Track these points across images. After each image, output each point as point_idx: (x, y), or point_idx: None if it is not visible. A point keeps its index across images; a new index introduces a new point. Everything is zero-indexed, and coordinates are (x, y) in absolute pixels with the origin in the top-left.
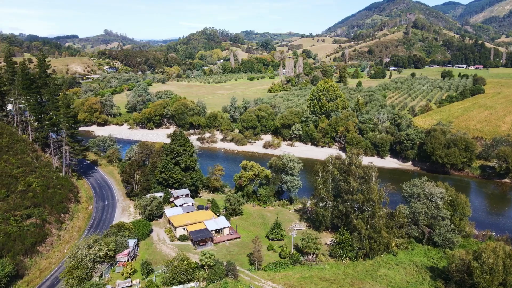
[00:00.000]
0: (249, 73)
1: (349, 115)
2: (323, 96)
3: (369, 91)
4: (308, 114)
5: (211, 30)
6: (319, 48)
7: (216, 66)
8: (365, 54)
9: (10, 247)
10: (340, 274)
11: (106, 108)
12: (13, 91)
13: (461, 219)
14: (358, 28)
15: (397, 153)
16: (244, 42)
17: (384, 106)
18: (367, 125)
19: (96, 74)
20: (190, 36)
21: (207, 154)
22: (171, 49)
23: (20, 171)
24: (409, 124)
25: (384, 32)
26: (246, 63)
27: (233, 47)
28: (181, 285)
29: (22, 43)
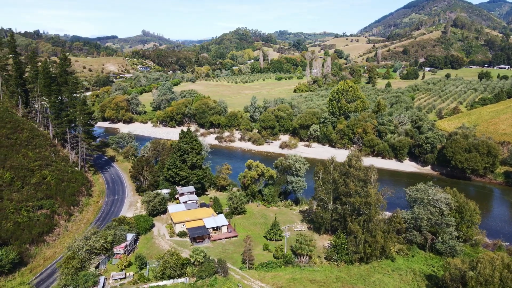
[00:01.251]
0: (278, 73)
1: (368, 116)
2: (342, 97)
3: (397, 92)
4: (326, 115)
5: (244, 30)
6: (352, 48)
7: (244, 66)
8: (399, 54)
9: (18, 236)
10: (332, 278)
11: (132, 106)
12: (36, 89)
13: (469, 226)
14: (395, 28)
15: (416, 157)
16: (276, 42)
17: (410, 108)
18: (386, 127)
19: (129, 73)
20: (222, 36)
21: (223, 153)
22: (204, 49)
23: (36, 165)
24: (431, 127)
25: (421, 31)
26: (275, 63)
27: (265, 47)
28: (171, 280)
29: (65, 43)
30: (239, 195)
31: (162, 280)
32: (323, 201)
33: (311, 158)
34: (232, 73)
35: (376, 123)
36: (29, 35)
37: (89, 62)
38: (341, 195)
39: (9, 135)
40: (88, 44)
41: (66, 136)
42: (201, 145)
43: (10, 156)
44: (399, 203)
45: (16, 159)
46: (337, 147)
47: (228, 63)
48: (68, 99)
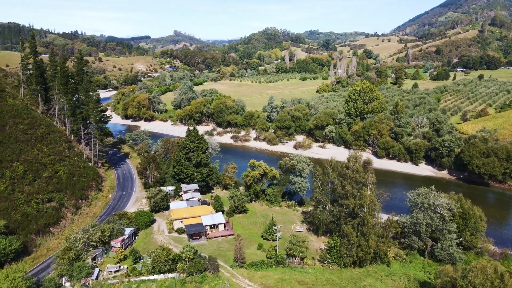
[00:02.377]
0: (303, 73)
1: (385, 118)
2: (359, 98)
3: (422, 93)
4: (342, 116)
5: (272, 30)
6: (382, 48)
7: (270, 66)
8: (431, 54)
9: (25, 226)
10: (322, 280)
11: (153, 105)
12: (54, 87)
13: (474, 234)
14: (429, 27)
15: (432, 160)
16: (305, 42)
17: (434, 110)
18: (403, 129)
19: (157, 72)
20: (251, 36)
21: (237, 152)
22: (232, 48)
23: (49, 159)
24: (450, 130)
25: (456, 30)
26: (301, 63)
27: (293, 47)
28: (162, 274)
29: (99, 43)
30: (240, 194)
31: (153, 274)
32: (321, 203)
33: (323, 159)
34: (257, 73)
35: (392, 124)
36: (67, 35)
37: (119, 62)
38: (338, 197)
39: (26, 131)
40: (120, 44)
41: (81, 133)
42: (207, 144)
43: (25, 150)
44: (405, 207)
45: (31, 154)
46: (352, 148)
47: (255, 62)
48: (83, 97)
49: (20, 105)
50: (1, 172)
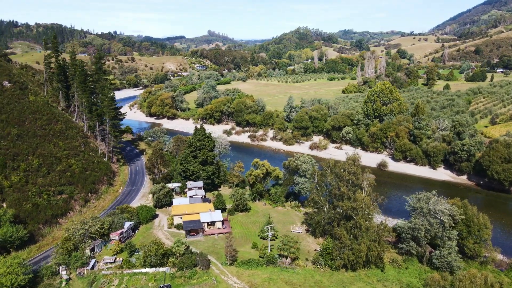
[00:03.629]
0: (332, 73)
1: (403, 119)
2: (377, 99)
3: (452, 95)
4: (361, 117)
5: (304, 29)
6: (417, 47)
7: (298, 66)
8: (470, 54)
9: (34, 216)
10: (310, 282)
11: (176, 103)
12: (74, 85)
13: (477, 242)
14: (471, 25)
15: (451, 165)
16: (338, 42)
17: (461, 112)
18: (422, 131)
19: (187, 72)
20: (282, 36)
21: (253, 151)
22: (263, 48)
23: (64, 154)
24: (473, 133)
25: (498, 29)
26: (330, 63)
27: (325, 47)
28: (154, 268)
29: (134, 43)
30: (241, 192)
31: (145, 268)
32: (318, 204)
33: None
34: (285, 72)
35: (411, 127)
36: (105, 36)
37: (151, 61)
38: (334, 199)
39: (44, 126)
40: (155, 44)
41: (96, 129)
42: (214, 142)
43: (42, 144)
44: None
45: (47, 148)
46: (369, 150)
47: (284, 62)
48: (100, 95)
49: (41, 101)
50: (17, 165)
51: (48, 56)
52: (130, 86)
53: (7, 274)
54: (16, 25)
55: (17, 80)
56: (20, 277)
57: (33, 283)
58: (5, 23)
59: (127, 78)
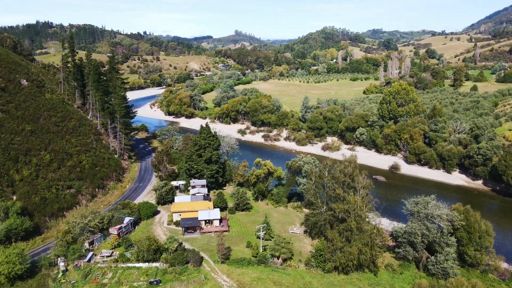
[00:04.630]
0: (356, 73)
1: (418, 121)
2: (393, 100)
3: (478, 97)
4: (375, 118)
5: (331, 29)
6: (448, 47)
7: (321, 66)
8: (504, 54)
9: (41, 209)
10: (300, 283)
11: (194, 102)
12: (89, 83)
13: (478, 249)
14: (507, 24)
15: (467, 169)
16: (365, 42)
17: (485, 115)
18: (438, 134)
19: (210, 71)
20: (308, 35)
21: (265, 151)
22: (288, 48)
23: (76, 150)
24: (492, 137)
25: None
26: (354, 63)
27: (352, 47)
28: (147, 263)
29: (162, 43)
30: (242, 191)
31: (138, 262)
32: (314, 205)
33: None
34: (308, 72)
35: (427, 129)
36: (134, 36)
37: (175, 60)
38: (329, 200)
39: (57, 123)
40: (181, 44)
41: (108, 126)
42: (219, 141)
43: (54, 141)
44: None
45: (59, 144)
46: (382, 152)
47: (307, 62)
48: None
49: (57, 99)
50: (29, 159)
51: (65, 56)
52: (154, 85)
53: (5, 264)
54: (51, 26)
55: (35, 78)
56: (17, 267)
57: (32, 272)
58: (41, 24)
59: (151, 77)
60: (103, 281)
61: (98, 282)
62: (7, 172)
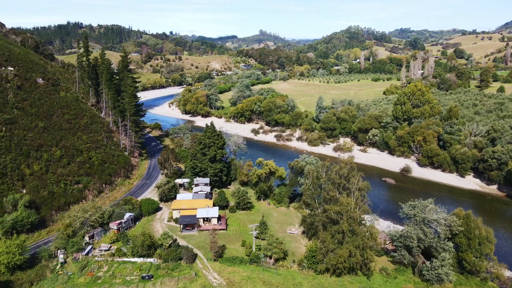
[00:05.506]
0: (379, 73)
1: (433, 123)
2: (408, 101)
3: (504, 98)
4: (389, 119)
5: (355, 28)
6: (478, 47)
7: (342, 66)
8: None
9: (48, 203)
10: (289, 283)
11: (211, 102)
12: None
13: (478, 256)
14: None
15: (481, 173)
16: (391, 41)
17: (508, 117)
18: (453, 136)
19: (231, 71)
20: (332, 35)
21: (276, 151)
22: (312, 48)
23: (86, 146)
24: (510, 140)
25: None
26: (377, 63)
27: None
28: (142, 258)
29: (186, 43)
30: (243, 190)
31: (134, 257)
32: (311, 206)
33: (361, 163)
34: (329, 73)
35: (441, 131)
36: (159, 36)
37: (197, 60)
38: (324, 201)
39: (70, 120)
40: (205, 44)
41: (118, 124)
42: (223, 140)
43: (66, 137)
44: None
45: (70, 140)
46: (395, 154)
47: (330, 62)
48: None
49: (71, 97)
50: (40, 155)
51: (80, 55)
52: (175, 84)
53: (5, 254)
54: (81, 26)
55: (50, 77)
56: (17, 257)
57: (32, 263)
58: (71, 25)
59: (172, 76)
60: (98, 274)
61: (93, 275)
62: (18, 166)
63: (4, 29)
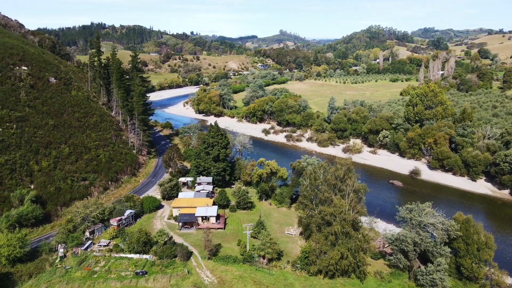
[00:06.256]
0: (398, 74)
1: (445, 125)
2: (420, 102)
3: None
4: (400, 120)
5: (376, 28)
6: (504, 47)
7: (360, 67)
8: None
9: (54, 198)
10: (280, 284)
11: (224, 101)
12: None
13: (476, 262)
14: None
15: (493, 177)
16: (413, 41)
17: None
18: (465, 139)
19: (248, 71)
20: (352, 35)
21: (285, 151)
22: (331, 48)
23: (94, 144)
24: None
25: None
26: (396, 63)
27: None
28: (138, 254)
29: (205, 43)
30: (243, 190)
31: (130, 253)
32: (308, 207)
33: (370, 165)
34: (347, 73)
35: (453, 133)
36: (179, 36)
37: (215, 60)
38: (319, 203)
39: (80, 118)
40: (224, 44)
41: (127, 123)
42: (227, 140)
43: (75, 135)
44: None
45: (79, 138)
46: (406, 156)
47: (348, 63)
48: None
49: (82, 96)
50: (49, 152)
51: (92, 55)
52: (192, 84)
53: (6, 246)
54: (104, 27)
55: (63, 76)
56: (17, 250)
57: (32, 256)
58: (95, 25)
59: (189, 76)
60: (94, 268)
61: (90, 269)
62: (27, 162)
63: (23, 30)
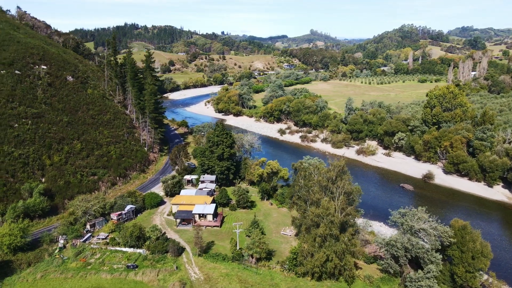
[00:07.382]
0: (427, 75)
1: (462, 128)
2: (438, 104)
3: None
4: (417, 122)
5: (409, 27)
6: None
7: (388, 67)
8: None
9: (62, 192)
10: (266, 284)
11: (243, 101)
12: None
13: (470, 271)
14: None
15: (510, 183)
16: (449, 40)
17: None
18: (483, 142)
19: (273, 70)
20: (383, 34)
21: (298, 152)
22: (361, 48)
23: (106, 141)
24: None
25: None
26: (426, 63)
27: (432, 46)
28: (132, 248)
29: (234, 43)
30: (243, 189)
31: (125, 247)
32: (301, 207)
33: (382, 168)
34: (374, 73)
35: (471, 136)
36: (209, 36)
37: (241, 60)
38: (311, 204)
39: (94, 116)
40: (252, 43)
41: (139, 120)
42: (232, 139)
43: (88, 132)
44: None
45: (91, 135)
46: (421, 160)
47: (377, 63)
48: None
49: (97, 94)
50: (61, 147)
51: (109, 55)
52: (216, 83)
53: (8, 236)
54: (136, 27)
55: (80, 75)
56: (18, 239)
57: (34, 246)
58: (128, 26)
59: (214, 75)
60: (90, 260)
61: (85, 261)
62: (40, 157)
63: (49, 31)
